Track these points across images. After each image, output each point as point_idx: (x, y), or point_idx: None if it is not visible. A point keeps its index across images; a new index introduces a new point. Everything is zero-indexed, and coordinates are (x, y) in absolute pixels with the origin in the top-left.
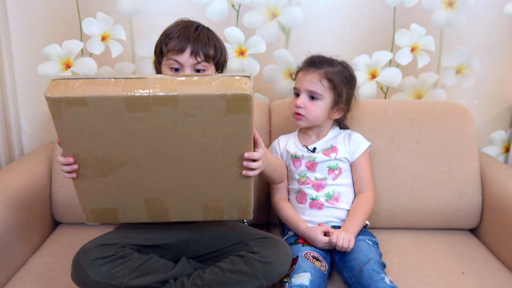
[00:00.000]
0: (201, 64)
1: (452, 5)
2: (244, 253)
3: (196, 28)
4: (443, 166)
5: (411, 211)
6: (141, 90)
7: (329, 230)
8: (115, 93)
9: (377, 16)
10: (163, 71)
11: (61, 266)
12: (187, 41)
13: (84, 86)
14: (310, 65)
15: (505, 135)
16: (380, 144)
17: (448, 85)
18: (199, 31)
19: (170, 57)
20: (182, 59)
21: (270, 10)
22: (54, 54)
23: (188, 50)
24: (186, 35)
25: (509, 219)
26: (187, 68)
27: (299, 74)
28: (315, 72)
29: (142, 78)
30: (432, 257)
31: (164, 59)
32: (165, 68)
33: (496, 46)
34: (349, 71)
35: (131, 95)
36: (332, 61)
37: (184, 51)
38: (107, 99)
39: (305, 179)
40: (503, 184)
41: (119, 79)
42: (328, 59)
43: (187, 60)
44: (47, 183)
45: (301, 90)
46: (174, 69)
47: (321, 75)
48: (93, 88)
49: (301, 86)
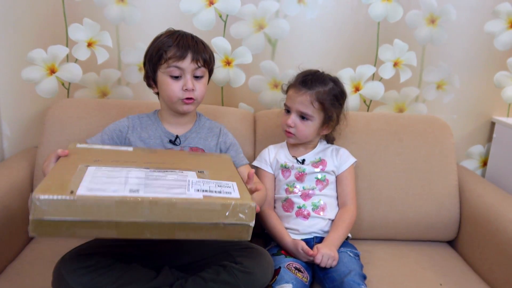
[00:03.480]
0: (200, 70)
1: (434, 22)
2: (226, 263)
3: (191, 37)
4: (423, 179)
5: (391, 223)
6: (136, 234)
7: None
8: (108, 235)
9: (361, 31)
10: (160, 78)
11: (40, 274)
12: (187, 48)
13: (73, 228)
14: (301, 84)
15: (483, 149)
16: (362, 156)
17: (429, 99)
18: (195, 39)
19: (171, 64)
20: (184, 65)
21: (257, 22)
22: (38, 59)
23: (189, 56)
24: (185, 43)
25: (485, 232)
26: (188, 73)
27: (290, 92)
28: (306, 94)
29: (137, 222)
30: (411, 268)
31: (164, 66)
32: (164, 75)
33: (475, 62)
34: (340, 88)
35: (126, 237)
36: (324, 78)
37: (185, 57)
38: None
39: (293, 189)
40: (480, 198)
41: (111, 223)
42: (320, 77)
43: (188, 65)
44: (28, 188)
45: (292, 109)
46: (174, 77)
47: (312, 97)
48: (83, 231)
49: (292, 106)
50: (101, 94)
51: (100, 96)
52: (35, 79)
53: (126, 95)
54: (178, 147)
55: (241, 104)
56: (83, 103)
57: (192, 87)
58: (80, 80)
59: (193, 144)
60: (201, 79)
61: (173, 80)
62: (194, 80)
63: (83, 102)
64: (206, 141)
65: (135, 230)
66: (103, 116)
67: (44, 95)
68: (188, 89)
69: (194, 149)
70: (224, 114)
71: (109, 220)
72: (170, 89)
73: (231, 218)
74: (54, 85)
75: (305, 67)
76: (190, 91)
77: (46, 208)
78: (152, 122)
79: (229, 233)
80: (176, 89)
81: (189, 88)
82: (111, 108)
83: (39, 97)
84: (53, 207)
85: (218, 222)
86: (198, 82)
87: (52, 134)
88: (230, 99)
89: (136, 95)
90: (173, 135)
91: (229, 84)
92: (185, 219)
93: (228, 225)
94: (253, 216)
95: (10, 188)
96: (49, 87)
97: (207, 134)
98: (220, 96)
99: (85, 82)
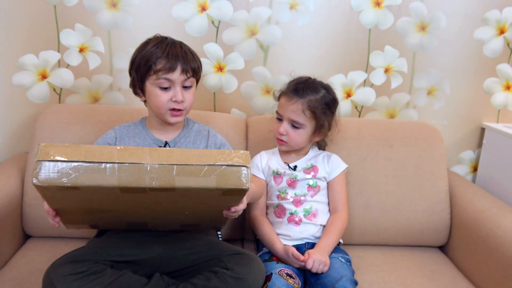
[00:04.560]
0: (189, 80)
1: (424, 29)
2: (218, 269)
3: (180, 46)
4: (414, 185)
5: (382, 228)
6: (137, 181)
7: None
8: (110, 183)
9: (353, 38)
10: (148, 88)
11: (30, 281)
12: (176, 59)
13: (75, 173)
14: (293, 92)
15: (473, 155)
16: (353, 162)
17: (420, 105)
18: (184, 48)
19: (161, 76)
20: (174, 77)
21: (249, 28)
22: (30, 64)
23: (179, 68)
24: (174, 54)
25: (476, 237)
26: (177, 85)
27: (282, 100)
28: (298, 102)
29: (138, 164)
30: (402, 273)
31: (153, 77)
32: (152, 86)
33: (465, 69)
34: (332, 95)
35: (127, 186)
36: (315, 86)
37: (175, 69)
38: (101, 188)
39: (285, 195)
40: (470, 203)
41: (113, 166)
42: (311, 85)
43: (178, 77)
44: (19, 195)
45: (284, 117)
46: (163, 88)
47: (304, 105)
48: (86, 176)
49: (284, 114)
50: (93, 99)
51: (91, 101)
52: (26, 85)
53: (118, 100)
54: None
55: (233, 109)
56: (75, 108)
57: (182, 99)
58: (71, 85)
59: None
60: (189, 89)
61: (162, 91)
62: (183, 91)
63: (75, 107)
64: (195, 145)
65: (136, 176)
66: (95, 122)
67: (36, 101)
68: (177, 101)
69: None
70: (216, 119)
71: (112, 163)
72: (158, 100)
73: (228, 161)
74: (46, 91)
75: (296, 74)
76: (180, 103)
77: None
78: (139, 131)
79: (227, 179)
80: (165, 100)
81: (179, 100)
82: (102, 114)
83: (30, 103)
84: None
85: (215, 164)
86: (187, 92)
87: (43, 140)
88: (222, 105)
89: (128, 101)
90: (162, 141)
91: (221, 90)
92: (184, 161)
93: (226, 166)
94: (248, 162)
95: (0, 194)
96: (40, 93)
97: (195, 138)
98: (212, 101)
99: (77, 87)
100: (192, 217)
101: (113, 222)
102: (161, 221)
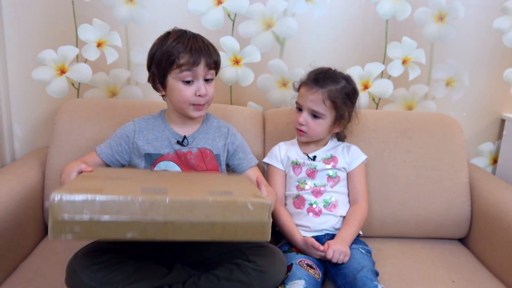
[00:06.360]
0: (210, 73)
1: (442, 19)
2: (239, 261)
3: (202, 40)
4: (433, 176)
5: (402, 220)
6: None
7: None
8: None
9: (369, 29)
10: (170, 83)
11: (53, 271)
12: (200, 53)
13: (91, 228)
14: (313, 82)
15: (493, 147)
16: (372, 153)
17: (438, 97)
18: (205, 42)
19: (185, 69)
20: (198, 71)
21: (265, 21)
22: (49, 60)
23: (203, 62)
24: (197, 48)
25: (497, 229)
26: (200, 78)
27: (302, 90)
28: (318, 92)
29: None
30: (423, 265)
31: (175, 71)
32: (175, 81)
33: (485, 59)
34: (352, 86)
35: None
36: (336, 76)
37: (199, 63)
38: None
39: (304, 185)
40: (491, 195)
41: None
42: (332, 75)
43: (202, 71)
44: (40, 188)
45: (304, 107)
46: (186, 82)
47: (324, 95)
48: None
49: (304, 104)
50: (111, 94)
51: (109, 96)
52: (46, 80)
53: (135, 94)
54: (186, 148)
55: (250, 103)
56: (93, 103)
57: (206, 92)
58: (90, 80)
59: (201, 145)
60: (211, 81)
61: (185, 85)
62: (206, 84)
63: (93, 102)
64: (214, 142)
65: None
66: (113, 116)
67: (55, 96)
68: (201, 94)
69: (202, 150)
70: (233, 113)
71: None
72: (182, 95)
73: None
74: (64, 86)
75: (316, 65)
76: (203, 96)
77: (66, 207)
78: (158, 123)
79: (244, 231)
80: (188, 94)
81: (203, 94)
82: (120, 108)
83: (49, 98)
84: (73, 207)
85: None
86: (209, 85)
87: (63, 134)
88: (238, 98)
89: (145, 95)
90: (181, 136)
91: (238, 83)
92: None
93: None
94: (268, 213)
95: (22, 188)
96: (59, 88)
97: (215, 135)
98: (229, 95)
99: (95, 82)
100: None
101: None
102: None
